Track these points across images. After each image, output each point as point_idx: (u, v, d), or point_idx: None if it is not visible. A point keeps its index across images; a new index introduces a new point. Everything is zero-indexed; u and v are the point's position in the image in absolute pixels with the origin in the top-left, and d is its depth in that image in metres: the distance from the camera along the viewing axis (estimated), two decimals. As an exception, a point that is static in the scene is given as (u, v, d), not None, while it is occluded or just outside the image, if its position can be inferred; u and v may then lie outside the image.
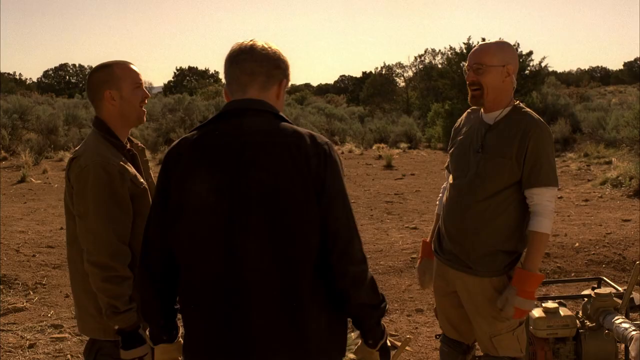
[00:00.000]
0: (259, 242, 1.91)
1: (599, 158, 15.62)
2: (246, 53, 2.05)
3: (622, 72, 79.71)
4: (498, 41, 3.03)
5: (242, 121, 1.99)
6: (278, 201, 1.91)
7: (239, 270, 1.93)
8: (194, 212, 1.95)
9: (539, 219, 2.91)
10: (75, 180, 2.50)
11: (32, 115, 20.59)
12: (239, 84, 2.05)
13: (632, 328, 3.42)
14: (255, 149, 1.94)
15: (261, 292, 1.93)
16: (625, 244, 7.22)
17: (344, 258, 1.95)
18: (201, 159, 1.97)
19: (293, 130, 1.99)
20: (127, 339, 2.47)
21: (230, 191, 1.92)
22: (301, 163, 1.92)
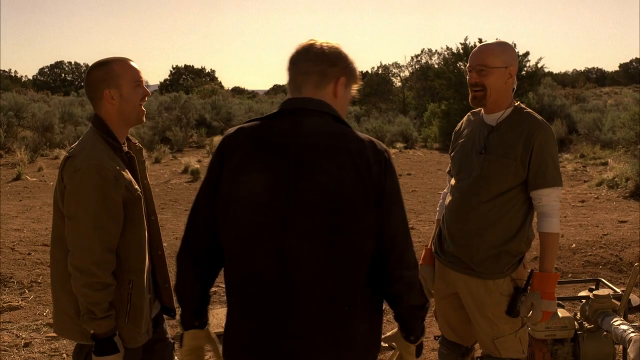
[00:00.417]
0: (314, 245, 1.93)
1: (595, 159, 15.64)
2: (302, 54, 2.07)
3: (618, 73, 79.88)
4: (499, 42, 3.01)
5: (303, 121, 2.00)
6: (338, 206, 1.92)
7: (289, 272, 1.94)
8: (244, 207, 1.96)
9: (549, 220, 2.91)
10: (68, 181, 2.43)
11: (28, 112, 20.50)
12: (295, 84, 2.08)
13: (631, 330, 3.42)
14: (316, 151, 1.95)
15: (311, 295, 1.95)
16: (621, 245, 7.22)
17: (400, 264, 2.02)
18: (258, 154, 1.97)
19: (354, 135, 2.00)
20: (100, 345, 2.43)
21: (286, 191, 1.93)
22: (363, 170, 1.94)
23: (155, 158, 17.47)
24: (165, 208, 10.65)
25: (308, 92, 2.05)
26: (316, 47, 2.07)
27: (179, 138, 20.72)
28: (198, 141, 22.12)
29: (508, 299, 2.99)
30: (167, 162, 17.32)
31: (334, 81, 2.07)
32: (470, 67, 2.99)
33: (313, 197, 1.92)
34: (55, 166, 15.54)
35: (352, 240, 1.95)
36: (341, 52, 2.10)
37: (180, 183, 13.76)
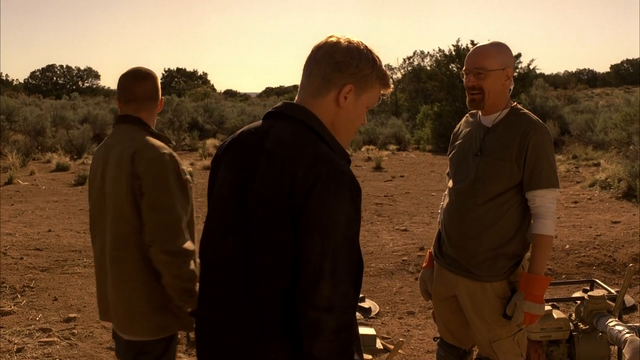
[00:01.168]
0: (244, 255, 1.81)
1: (588, 160, 15.69)
2: (314, 52, 1.90)
3: (609, 74, 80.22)
4: (495, 42, 2.99)
5: (275, 126, 1.87)
6: (265, 218, 1.77)
7: (221, 274, 1.89)
8: (214, 200, 1.97)
9: (543, 222, 2.89)
10: (145, 173, 2.55)
11: (19, 116, 20.43)
12: (300, 84, 1.94)
13: (626, 330, 3.42)
14: (267, 158, 1.80)
15: (232, 305, 1.85)
16: (615, 245, 7.24)
17: (306, 299, 1.70)
18: (231, 152, 1.95)
19: (311, 149, 1.78)
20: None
21: (239, 193, 1.85)
22: (285, 183, 1.74)
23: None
24: (158, 211, 10.60)
25: (306, 97, 1.89)
26: (329, 45, 1.87)
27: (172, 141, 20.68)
28: (191, 144, 22.06)
29: (505, 301, 2.98)
30: (160, 165, 17.24)
31: (337, 89, 1.86)
32: (466, 70, 2.96)
33: (252, 204, 1.80)
34: (47, 170, 15.50)
35: (268, 258, 1.77)
36: (357, 52, 1.86)
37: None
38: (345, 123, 1.91)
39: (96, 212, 2.72)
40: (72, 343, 4.86)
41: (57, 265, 6.91)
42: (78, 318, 5.37)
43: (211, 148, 20.97)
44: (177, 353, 4.62)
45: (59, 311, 5.53)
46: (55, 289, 6.17)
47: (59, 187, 12.92)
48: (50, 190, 12.57)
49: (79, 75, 78.29)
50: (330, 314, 1.68)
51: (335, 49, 1.86)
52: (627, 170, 11.16)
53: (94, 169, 2.76)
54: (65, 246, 7.66)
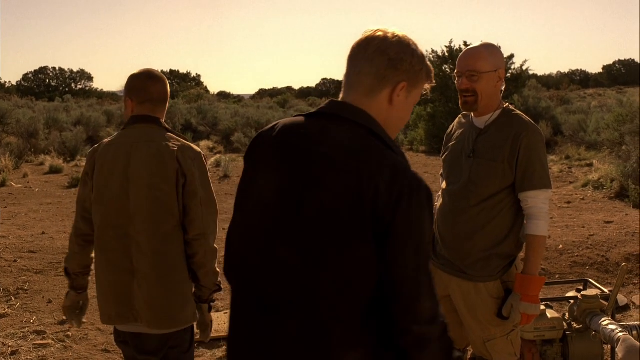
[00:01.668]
0: (304, 265, 1.70)
1: (580, 160, 15.73)
2: (362, 48, 1.81)
3: (602, 75, 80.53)
4: (486, 44, 2.99)
5: (331, 129, 1.76)
6: (332, 229, 1.67)
7: (276, 283, 1.74)
8: (252, 203, 1.81)
9: (535, 222, 2.90)
10: (193, 170, 2.68)
11: (12, 118, 20.35)
12: (347, 83, 1.84)
13: (619, 329, 3.44)
14: (328, 165, 1.70)
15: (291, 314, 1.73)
16: (608, 245, 7.27)
17: (406, 315, 1.68)
18: (276, 155, 1.79)
19: (379, 156, 1.71)
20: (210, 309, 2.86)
21: (291, 200, 1.72)
22: (368, 197, 1.65)
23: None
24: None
25: (357, 96, 1.80)
26: (379, 40, 1.79)
27: (165, 143, 20.62)
28: (184, 146, 22.05)
29: (499, 301, 3.00)
30: (154, 167, 17.21)
31: (392, 86, 1.79)
32: (459, 72, 2.96)
33: (312, 214, 1.69)
34: (41, 172, 15.46)
35: (339, 270, 1.68)
36: (409, 48, 1.80)
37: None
38: (395, 121, 1.86)
39: (113, 212, 2.70)
40: (67, 345, 4.85)
41: (51, 268, 6.90)
42: (72, 320, 5.35)
43: (204, 150, 20.95)
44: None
45: (53, 314, 5.52)
46: (49, 291, 6.16)
47: (53, 190, 12.89)
48: (43, 192, 12.54)
49: (72, 78, 78.07)
50: (433, 325, 1.69)
51: (388, 45, 1.79)
52: (620, 170, 11.20)
53: (109, 169, 2.72)
54: (59, 248, 7.65)
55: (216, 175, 15.30)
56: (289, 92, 70.17)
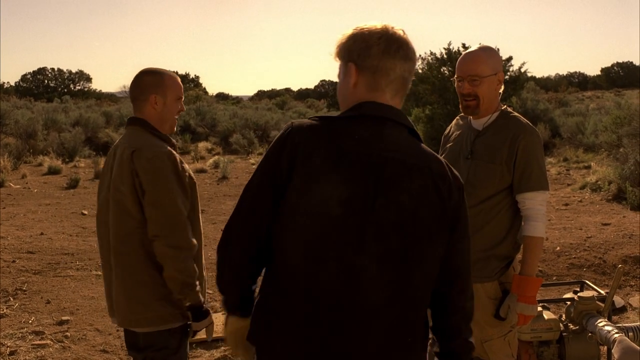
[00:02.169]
0: (387, 269, 1.75)
1: (578, 163, 15.76)
2: (405, 50, 1.84)
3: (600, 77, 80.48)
4: (484, 47, 3.00)
5: (383, 132, 1.80)
6: (415, 228, 1.76)
7: (358, 294, 1.75)
8: (313, 219, 1.75)
9: (533, 224, 2.92)
10: (143, 172, 2.63)
11: (11, 119, 20.37)
12: (394, 86, 1.85)
13: (615, 331, 3.46)
14: (398, 167, 1.76)
15: (378, 321, 1.78)
16: (605, 247, 7.29)
17: (464, 294, 1.92)
18: (336, 163, 1.75)
19: (434, 155, 1.85)
20: (197, 314, 2.72)
21: (363, 208, 1.74)
22: (444, 194, 1.80)
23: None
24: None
25: (397, 100, 1.88)
26: (412, 47, 1.85)
27: (164, 144, 20.62)
28: (183, 147, 22.02)
29: (496, 302, 3.00)
30: (152, 169, 17.19)
31: (408, 86, 1.91)
32: (460, 77, 2.97)
33: (392, 217, 1.74)
34: (39, 173, 15.45)
35: (423, 266, 1.80)
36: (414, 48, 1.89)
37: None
38: None
39: (104, 210, 2.80)
40: (65, 346, 4.86)
41: (49, 268, 6.91)
42: (71, 321, 5.37)
43: (203, 151, 20.95)
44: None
45: (51, 314, 5.53)
46: (48, 291, 6.17)
47: (51, 190, 12.89)
48: (42, 193, 12.54)
49: (71, 78, 77.99)
50: (473, 302, 1.98)
51: (409, 45, 1.85)
52: (618, 172, 11.23)
53: (105, 170, 2.85)
54: (57, 249, 7.66)
55: (214, 176, 15.32)
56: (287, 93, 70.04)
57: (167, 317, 2.71)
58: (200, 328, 2.75)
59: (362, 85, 1.85)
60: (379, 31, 1.83)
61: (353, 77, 1.85)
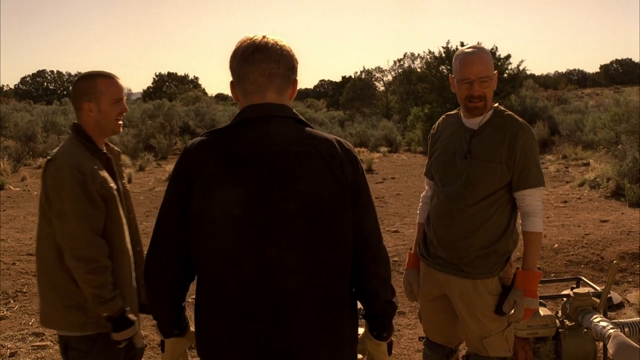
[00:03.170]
0: (299, 255, 1.88)
1: (577, 160, 15.79)
2: (262, 52, 1.95)
3: (599, 75, 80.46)
4: (481, 48, 3.02)
5: (268, 129, 1.92)
6: (319, 211, 1.89)
7: (276, 284, 1.88)
8: (219, 223, 1.87)
9: (533, 219, 2.97)
10: (50, 181, 2.62)
11: (10, 122, 20.38)
12: (257, 86, 1.96)
13: (610, 326, 3.47)
14: (287, 158, 1.88)
15: (302, 304, 1.91)
16: (603, 244, 7.31)
17: (376, 260, 2.04)
18: (228, 168, 1.87)
19: (321, 136, 1.96)
20: (117, 323, 2.64)
21: (261, 203, 1.85)
22: (337, 171, 1.91)
23: (140, 166, 17.41)
24: (151, 215, 10.62)
25: (272, 96, 1.97)
26: (275, 45, 1.97)
27: (163, 145, 20.68)
28: (182, 148, 22.05)
29: (496, 298, 3.04)
30: (152, 170, 17.27)
31: (292, 84, 2.03)
32: (468, 79, 2.95)
33: (292, 206, 1.86)
34: (39, 175, 15.43)
35: (337, 243, 1.93)
36: (293, 52, 2.03)
37: (164, 190, 13.68)
38: None
39: None
40: (65, 347, 4.88)
41: (49, 270, 6.91)
42: (71, 322, 5.38)
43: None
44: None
45: (51, 315, 5.54)
46: (47, 293, 6.18)
47: (51, 193, 12.88)
48: (41, 195, 12.53)
49: (70, 81, 77.92)
50: (389, 265, 2.10)
51: (283, 48, 1.98)
52: (616, 169, 11.26)
53: None
54: (57, 251, 7.66)
55: (214, 177, 15.32)
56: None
57: (75, 323, 2.68)
58: (120, 338, 2.67)
59: (240, 95, 2.00)
60: (240, 44, 1.98)
61: (233, 92, 2.04)
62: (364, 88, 41.73)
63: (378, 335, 2.16)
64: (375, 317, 2.14)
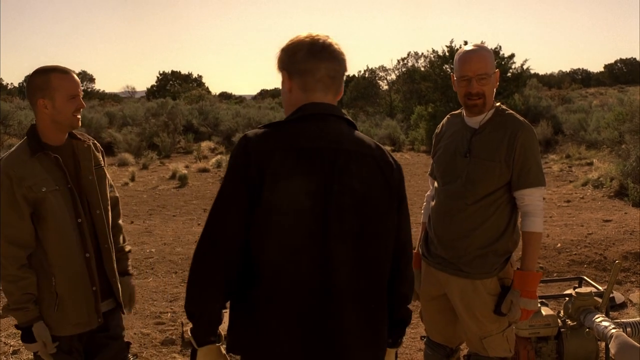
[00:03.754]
0: (349, 248, 1.95)
1: (581, 159, 15.75)
2: (328, 52, 2.03)
3: (603, 74, 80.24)
4: (482, 46, 3.02)
5: (328, 127, 2.00)
6: (368, 208, 1.98)
7: (330, 275, 1.93)
8: (286, 214, 1.90)
9: (532, 219, 2.96)
10: None
11: (14, 120, 20.41)
12: (322, 84, 2.04)
13: (612, 326, 3.47)
14: (346, 156, 1.97)
15: (349, 296, 1.97)
16: (606, 244, 7.30)
17: (409, 265, 2.17)
18: (296, 161, 1.91)
19: (372, 141, 2.08)
20: (23, 334, 2.64)
21: (324, 196, 1.92)
22: (389, 176, 2.04)
23: (143, 164, 17.42)
24: (153, 214, 10.64)
25: (330, 97, 2.06)
26: (339, 49, 2.05)
27: (167, 144, 20.69)
28: (185, 147, 22.08)
29: (495, 298, 3.03)
30: (155, 168, 17.28)
31: (338, 86, 2.09)
32: (467, 77, 2.96)
33: (347, 200, 1.94)
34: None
35: (379, 242, 2.03)
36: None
37: (168, 189, 13.74)
38: None
39: None
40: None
41: (52, 268, 6.92)
42: (73, 320, 5.38)
43: (206, 150, 20.98)
44: (172, 353, 4.66)
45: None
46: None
47: (54, 191, 12.90)
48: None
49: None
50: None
51: (332, 47, 2.04)
52: (619, 169, 11.23)
53: None
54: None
55: (217, 176, 15.36)
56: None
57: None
58: (28, 349, 2.66)
59: (296, 88, 2.04)
60: (303, 38, 2.04)
61: (287, 83, 2.06)
62: (368, 87, 41.68)
63: (395, 341, 2.22)
64: (399, 322, 2.21)
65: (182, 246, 8.18)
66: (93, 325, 2.80)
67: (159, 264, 7.26)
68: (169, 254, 7.71)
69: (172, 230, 9.33)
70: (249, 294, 1.96)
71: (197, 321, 1.96)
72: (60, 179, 2.69)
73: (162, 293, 6.27)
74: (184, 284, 6.55)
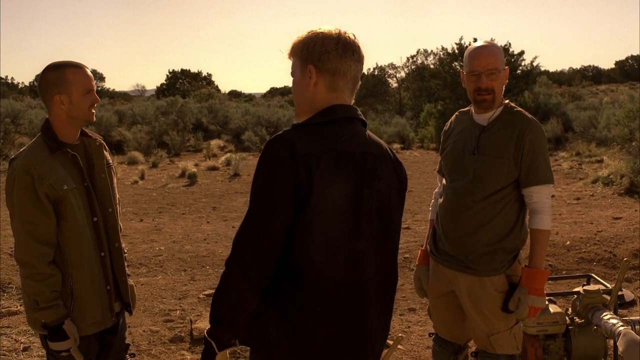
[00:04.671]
0: (374, 246, 2.04)
1: (591, 157, 15.70)
2: (357, 53, 2.03)
3: (614, 71, 79.72)
4: (492, 43, 3.03)
5: (356, 130, 2.04)
6: (388, 208, 2.08)
7: (359, 274, 2.02)
8: (329, 216, 1.91)
9: (540, 217, 2.96)
10: (6, 181, 2.62)
11: (25, 119, 20.51)
12: (351, 85, 2.07)
13: (620, 324, 3.46)
14: (373, 160, 2.03)
15: (373, 291, 2.07)
16: (615, 241, 7.27)
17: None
18: (337, 164, 1.92)
19: (384, 143, 2.16)
20: (50, 333, 2.62)
21: (356, 198, 1.97)
22: (399, 174, 2.13)
23: (153, 162, 17.49)
24: (163, 212, 10.68)
25: (350, 97, 2.09)
26: (359, 47, 2.05)
27: (176, 142, 20.76)
28: (195, 145, 22.15)
29: (503, 295, 3.03)
30: (165, 167, 17.35)
31: (357, 88, 2.12)
32: (476, 72, 2.96)
33: (374, 203, 2.02)
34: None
35: (394, 237, 2.15)
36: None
37: (177, 187, 13.78)
38: None
39: None
40: (78, 342, 4.92)
41: (62, 266, 6.95)
42: (83, 317, 5.42)
43: (215, 148, 21.03)
44: (181, 351, 4.68)
45: (64, 311, 5.58)
46: (60, 289, 6.22)
47: (65, 189, 12.96)
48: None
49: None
50: None
51: (360, 49, 2.06)
52: (630, 166, 11.19)
53: None
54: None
55: (226, 174, 15.40)
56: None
57: (35, 323, 2.68)
58: (54, 348, 2.64)
59: (322, 85, 2.02)
60: (336, 36, 2.00)
61: (314, 77, 2.01)
62: (377, 85, 41.70)
63: None
64: None
65: (191, 244, 8.21)
66: (108, 324, 2.81)
67: (168, 262, 7.29)
68: (178, 252, 7.75)
69: (182, 228, 9.36)
70: (284, 293, 1.94)
71: (229, 325, 1.92)
72: (78, 177, 2.69)
73: (171, 291, 6.30)
74: (193, 282, 6.58)
